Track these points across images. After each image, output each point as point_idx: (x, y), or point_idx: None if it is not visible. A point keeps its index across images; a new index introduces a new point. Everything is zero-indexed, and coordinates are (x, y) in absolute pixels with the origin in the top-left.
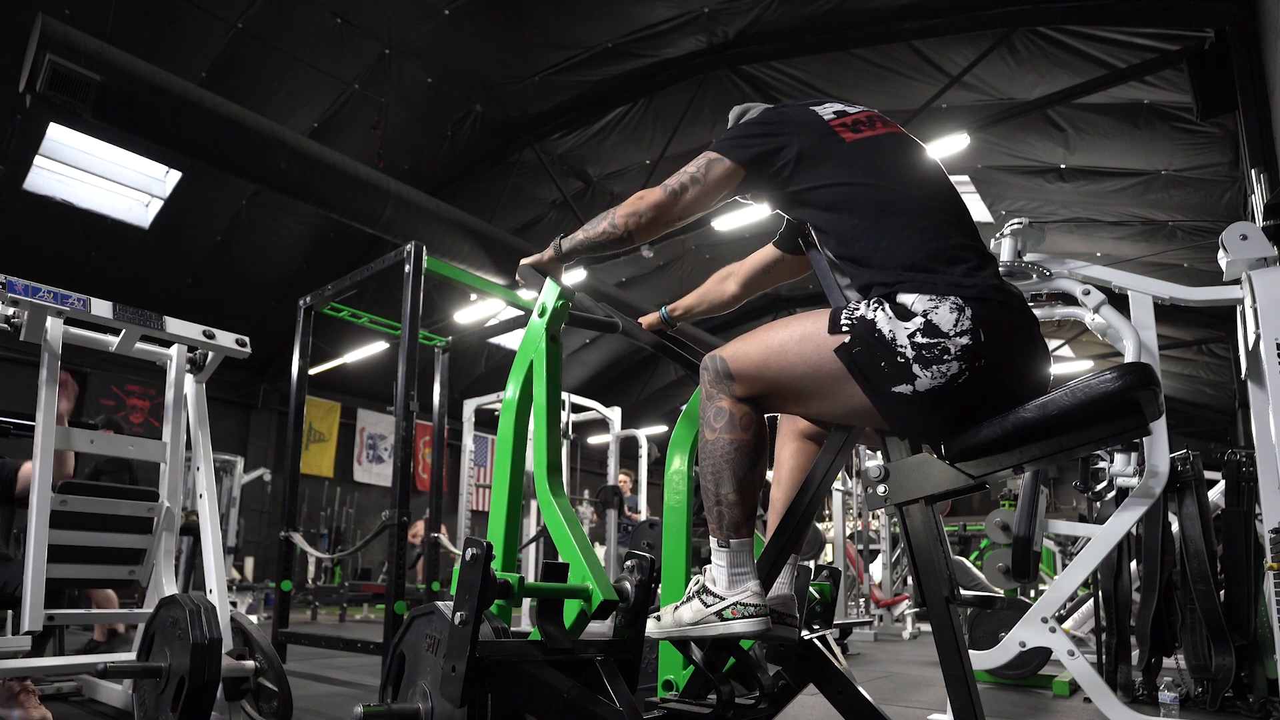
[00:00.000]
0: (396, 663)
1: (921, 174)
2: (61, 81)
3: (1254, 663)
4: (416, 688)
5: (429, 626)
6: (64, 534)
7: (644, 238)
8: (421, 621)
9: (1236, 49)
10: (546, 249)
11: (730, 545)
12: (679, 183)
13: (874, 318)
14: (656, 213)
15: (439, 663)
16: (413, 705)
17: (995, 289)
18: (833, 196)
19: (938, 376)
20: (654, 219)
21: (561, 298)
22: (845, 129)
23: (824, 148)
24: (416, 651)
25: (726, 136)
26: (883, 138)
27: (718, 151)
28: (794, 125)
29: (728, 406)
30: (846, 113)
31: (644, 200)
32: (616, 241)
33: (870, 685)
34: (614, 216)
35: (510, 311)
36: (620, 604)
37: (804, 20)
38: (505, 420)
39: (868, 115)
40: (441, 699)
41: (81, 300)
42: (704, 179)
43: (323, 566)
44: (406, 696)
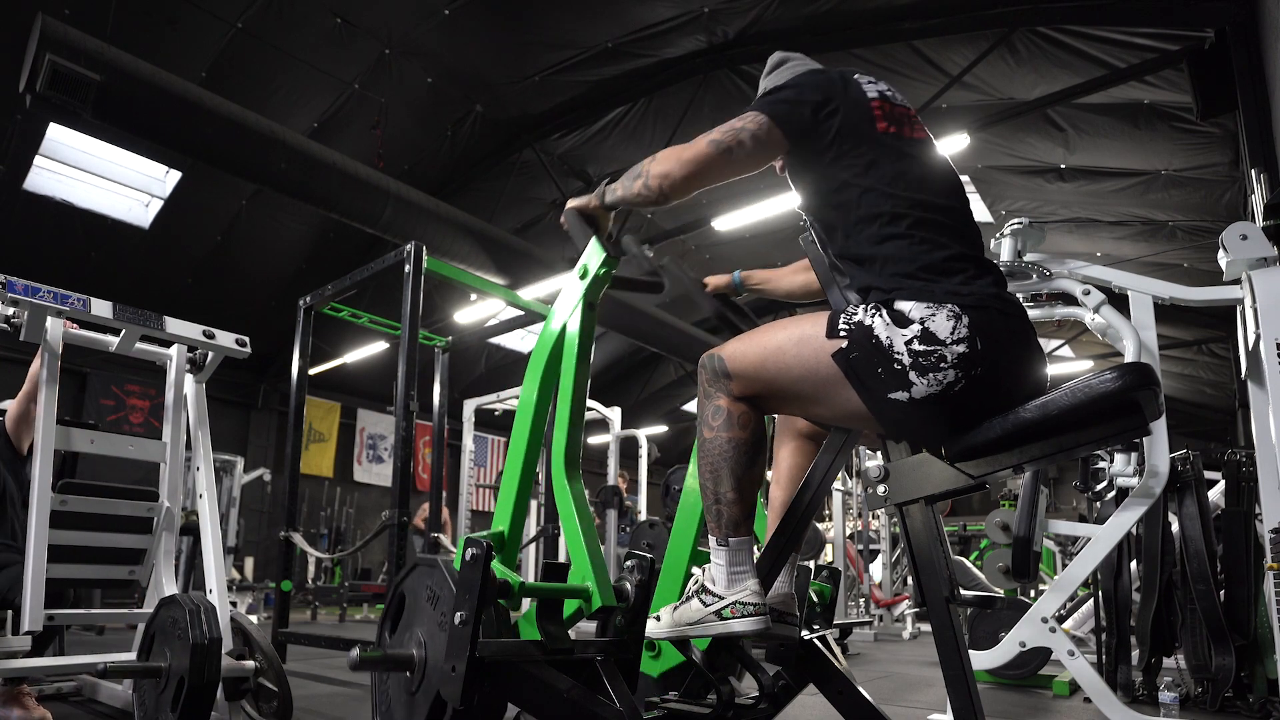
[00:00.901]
0: (396, 601)
1: (934, 184)
2: (61, 81)
3: (1254, 663)
4: (412, 634)
5: (430, 579)
6: (64, 534)
7: (678, 198)
8: (424, 571)
9: (1236, 49)
10: (593, 194)
11: (729, 544)
12: (732, 139)
13: (872, 324)
14: (695, 172)
15: (435, 616)
16: (407, 651)
17: (993, 297)
18: (846, 190)
19: (934, 384)
20: (691, 179)
21: (606, 265)
22: (883, 118)
23: (860, 132)
24: (416, 598)
25: (777, 99)
26: (910, 143)
27: (769, 115)
28: (843, 96)
29: (725, 405)
30: (888, 100)
31: (682, 157)
32: (650, 203)
33: (870, 685)
34: (647, 177)
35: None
36: (620, 605)
37: (804, 20)
38: (528, 390)
39: (905, 113)
40: (435, 647)
41: (81, 300)
42: (761, 139)
43: (323, 566)
44: (402, 640)
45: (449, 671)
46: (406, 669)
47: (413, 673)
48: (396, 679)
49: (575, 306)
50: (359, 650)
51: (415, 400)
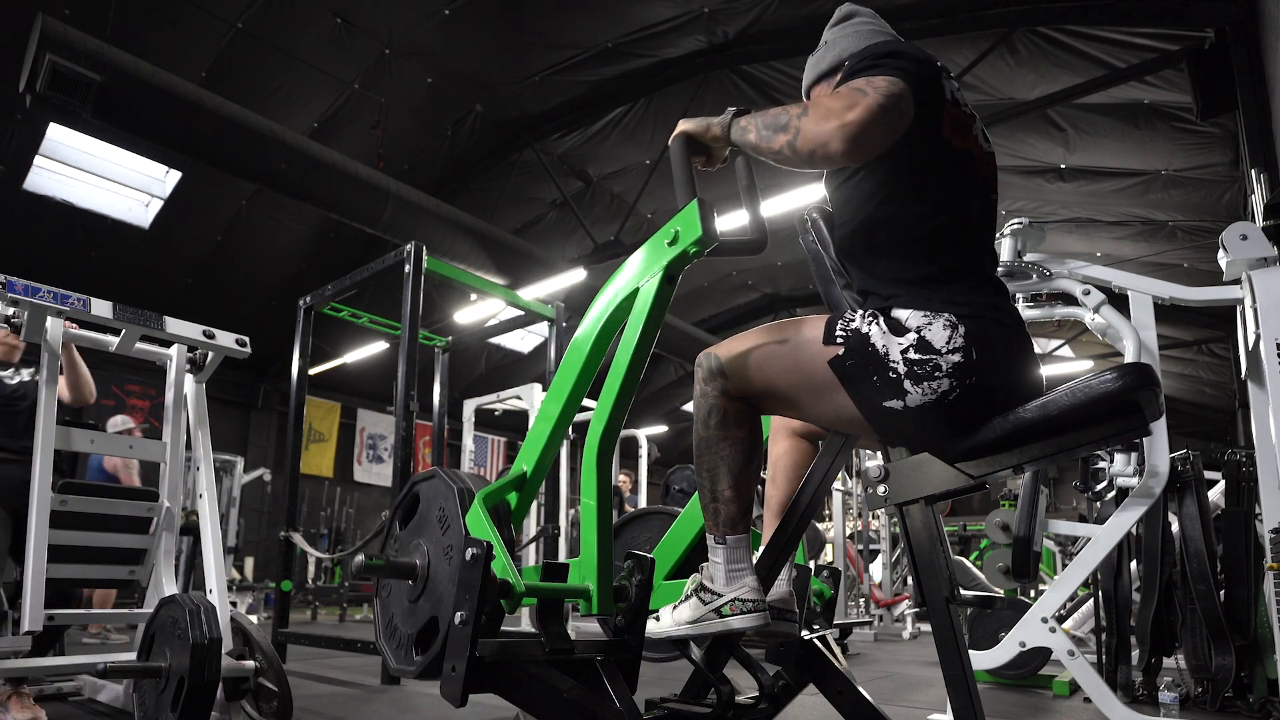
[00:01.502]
0: (410, 500)
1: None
2: (61, 81)
3: (1254, 663)
4: (418, 545)
5: (445, 500)
6: (64, 534)
7: (824, 168)
8: (442, 490)
9: (1236, 49)
10: (717, 120)
11: (727, 541)
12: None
13: (868, 331)
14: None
15: (442, 541)
16: (410, 560)
17: (990, 307)
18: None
19: (928, 393)
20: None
21: (699, 246)
22: (949, 123)
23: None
24: (428, 508)
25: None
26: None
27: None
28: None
29: (722, 404)
30: (958, 104)
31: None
32: (788, 164)
33: (870, 685)
34: (796, 136)
35: (510, 311)
36: (619, 604)
37: (804, 20)
38: (585, 334)
39: (969, 121)
40: (439, 563)
41: (81, 300)
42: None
43: (323, 566)
44: (408, 546)
45: (449, 672)
46: (409, 578)
47: (415, 582)
48: (400, 584)
49: (656, 274)
50: (364, 557)
51: (415, 400)
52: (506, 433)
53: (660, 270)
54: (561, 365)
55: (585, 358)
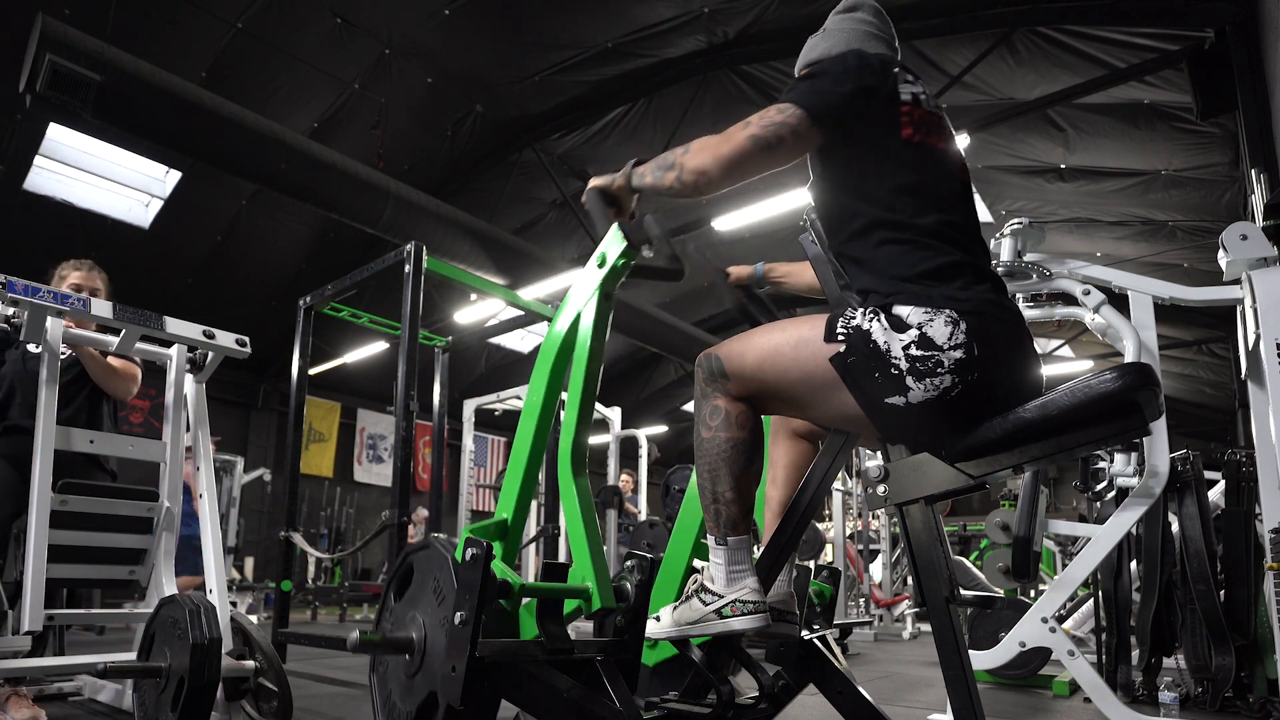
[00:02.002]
0: (404, 571)
1: (944, 190)
2: (61, 81)
3: (1254, 663)
4: (414, 616)
5: (439, 570)
6: (64, 534)
7: (713, 193)
8: (435, 559)
9: (1236, 49)
10: (619, 173)
11: (728, 543)
12: (773, 134)
13: (870, 328)
14: (734, 166)
15: (438, 611)
16: (406, 634)
17: (991, 304)
18: (856, 190)
19: (930, 389)
20: (728, 174)
21: (625, 255)
22: (909, 124)
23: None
24: (423, 578)
25: (814, 89)
26: (931, 151)
27: (807, 109)
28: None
29: (723, 405)
30: (920, 104)
31: (720, 151)
32: (681, 195)
33: (870, 685)
34: (681, 170)
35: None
36: (619, 605)
37: (804, 20)
38: (537, 381)
39: (935, 119)
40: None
41: (81, 300)
42: (801, 134)
43: (323, 566)
44: (403, 619)
45: (449, 672)
46: (406, 653)
47: (411, 656)
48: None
49: (591, 296)
50: (359, 632)
51: (415, 400)
52: (506, 433)
53: (596, 291)
54: (522, 417)
55: (542, 405)
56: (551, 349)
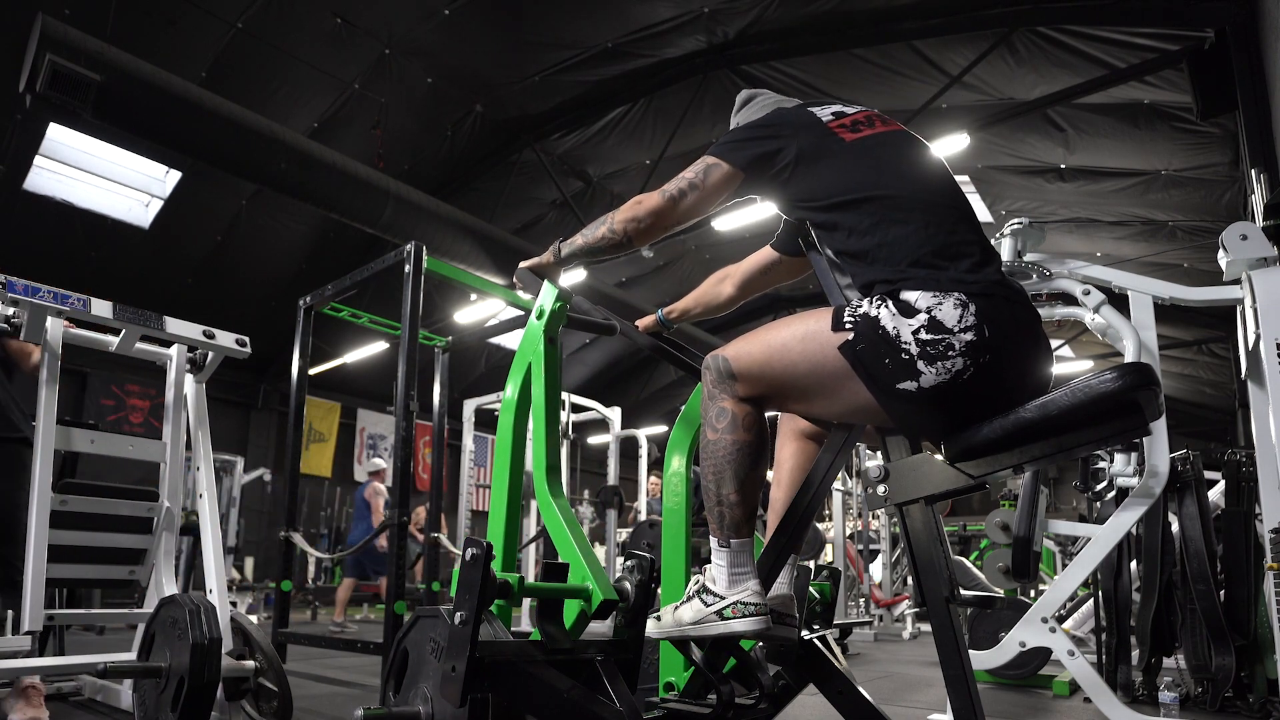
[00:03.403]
0: (400, 658)
1: (924, 170)
2: (61, 81)
3: (1254, 663)
4: (418, 690)
5: (433, 630)
6: (64, 534)
7: (643, 242)
8: (426, 624)
9: (1236, 49)
10: (545, 253)
11: (731, 545)
12: (678, 188)
13: (878, 315)
14: (655, 219)
15: (441, 668)
16: (413, 708)
17: (998, 284)
18: (833, 196)
19: (942, 373)
20: (653, 224)
21: (559, 300)
22: (844, 129)
23: (823, 148)
24: (420, 651)
25: (725, 140)
26: (884, 135)
27: (716, 156)
28: (791, 127)
29: (730, 407)
30: (845, 113)
31: (642, 206)
32: (616, 247)
33: (870, 685)
34: (612, 222)
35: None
36: (620, 604)
37: (804, 20)
38: (504, 420)
39: (866, 115)
40: (442, 703)
41: (81, 300)
42: (703, 184)
43: (323, 566)
44: (408, 697)
45: (449, 672)
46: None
47: None
48: None
49: (537, 343)
50: (363, 711)
51: (415, 400)
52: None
53: (541, 338)
54: (495, 459)
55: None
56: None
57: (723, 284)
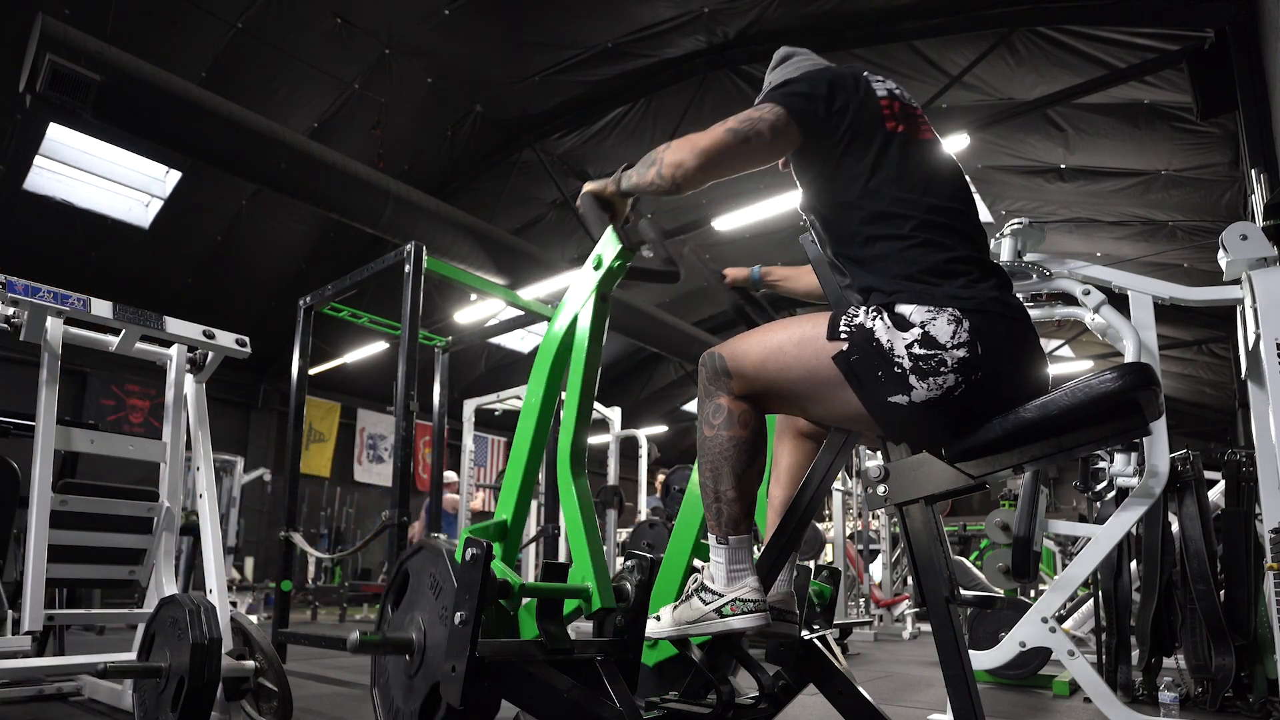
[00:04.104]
0: (401, 579)
1: (940, 186)
2: (61, 81)
3: (1254, 663)
4: (413, 617)
5: (434, 566)
6: (64, 534)
7: (691, 188)
8: (429, 557)
9: (1236, 49)
10: (609, 179)
11: (729, 542)
12: (750, 128)
13: (873, 327)
14: (711, 160)
15: (436, 606)
16: (406, 635)
17: (995, 300)
18: (850, 189)
19: (934, 388)
20: (706, 168)
21: (620, 257)
22: (891, 117)
23: (870, 130)
24: (419, 580)
25: (792, 91)
26: (917, 144)
27: (785, 107)
28: (854, 93)
29: (726, 403)
30: (897, 99)
31: (698, 145)
32: (662, 192)
33: (870, 685)
34: (660, 165)
35: (510, 311)
36: (619, 605)
37: (804, 20)
38: (535, 384)
39: (916, 113)
40: (435, 634)
41: (81, 300)
42: (779, 130)
43: (323, 566)
44: (403, 621)
45: (449, 671)
46: (405, 653)
47: (411, 656)
48: (396, 659)
49: (588, 298)
50: (359, 633)
51: (415, 400)
52: (506, 433)
53: (593, 293)
54: (521, 419)
55: (540, 408)
56: (550, 350)
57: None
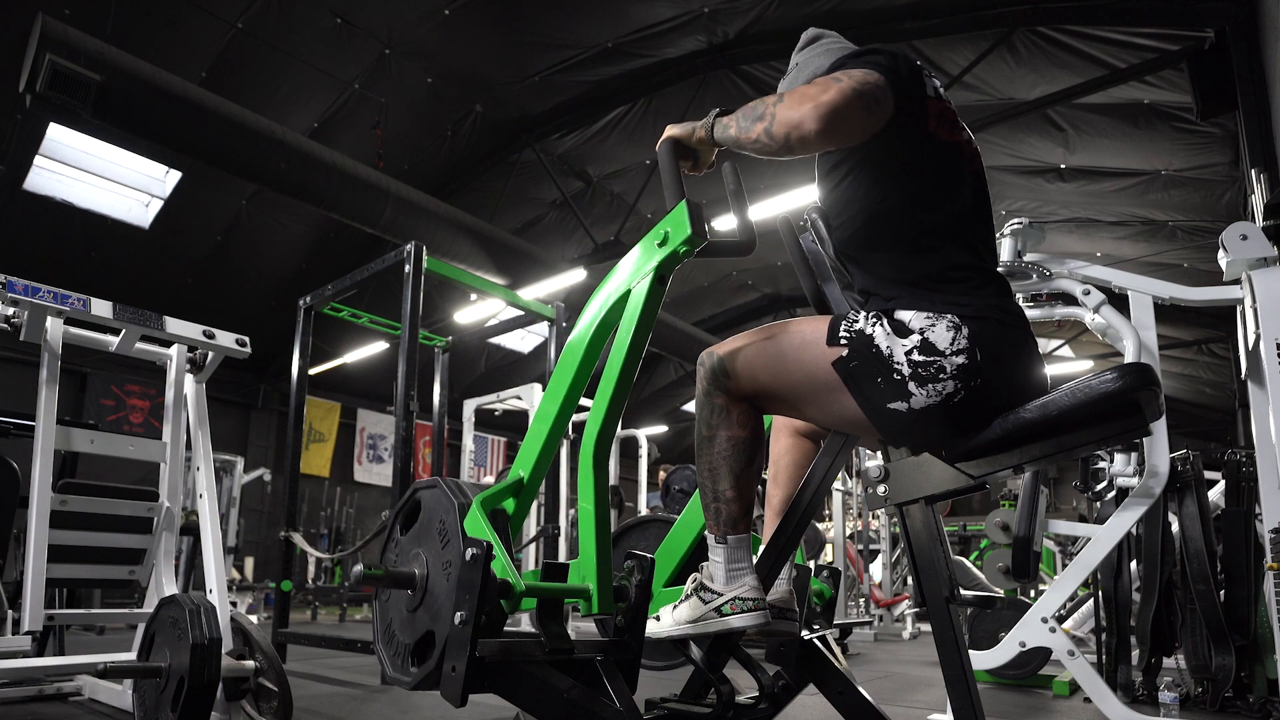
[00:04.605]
0: (412, 506)
1: (959, 190)
2: (61, 81)
3: (1254, 663)
4: (418, 554)
5: (447, 513)
6: (64, 534)
7: (803, 154)
8: (443, 503)
9: (1236, 49)
10: (700, 123)
11: (728, 541)
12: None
13: (872, 333)
14: (829, 128)
15: (441, 555)
16: (409, 570)
17: (994, 308)
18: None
19: (933, 395)
20: (824, 135)
21: (688, 245)
22: (934, 115)
23: (911, 124)
24: (429, 517)
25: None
26: (952, 147)
27: (882, 74)
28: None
29: (724, 403)
30: (941, 97)
31: (820, 102)
32: (768, 152)
33: (870, 685)
34: (772, 122)
35: (510, 311)
36: (619, 605)
37: (804, 20)
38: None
39: (954, 115)
40: (436, 575)
41: (81, 300)
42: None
43: (323, 566)
44: (408, 554)
45: (449, 671)
46: (408, 588)
47: (414, 591)
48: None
49: (646, 275)
50: (363, 566)
51: (415, 400)
52: (506, 433)
53: (652, 271)
54: (557, 367)
55: (580, 359)
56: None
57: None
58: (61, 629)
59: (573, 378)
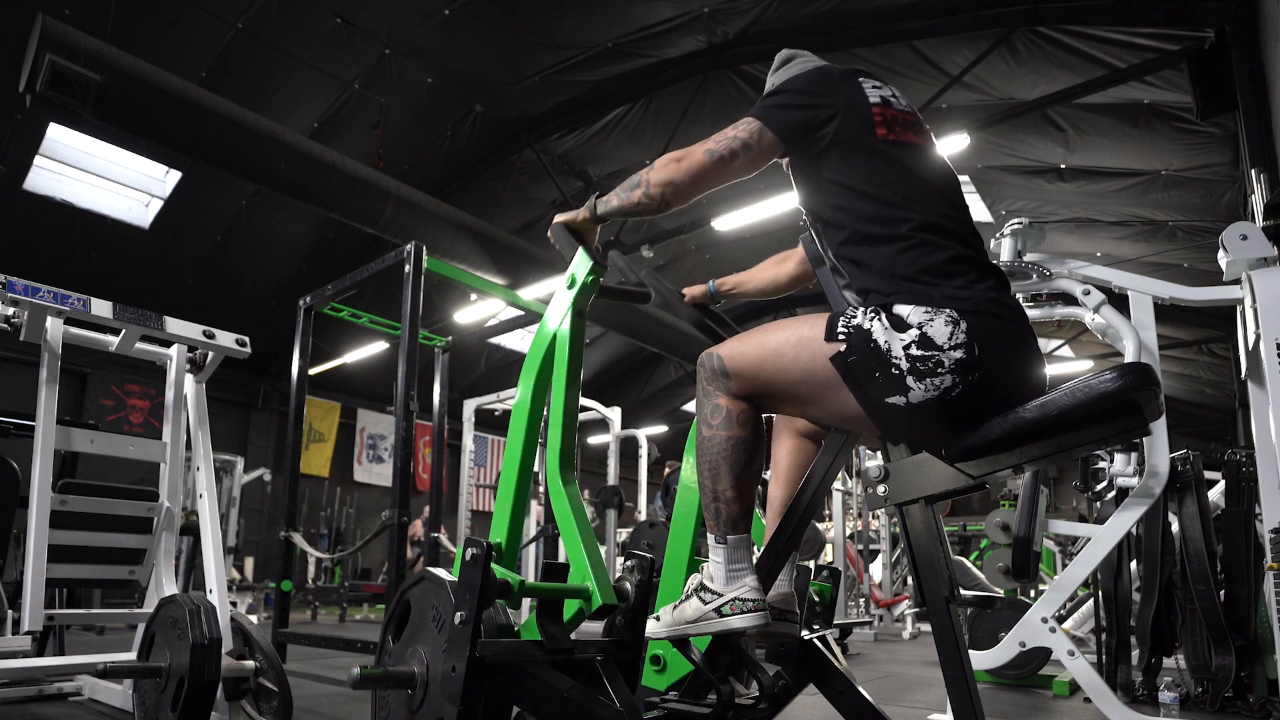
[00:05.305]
0: (402, 609)
1: (933, 191)
2: (61, 81)
3: (1254, 663)
4: (415, 650)
5: (436, 598)
6: (64, 534)
7: (680, 204)
8: (431, 589)
9: (1236, 49)
10: (582, 208)
11: (728, 541)
12: (728, 148)
13: (870, 328)
14: (696, 180)
15: (439, 639)
16: (409, 669)
17: (992, 302)
18: (844, 194)
19: (931, 389)
20: (693, 186)
21: (593, 274)
22: (882, 124)
23: (858, 137)
24: (421, 612)
25: (768, 102)
26: (909, 148)
27: (759, 118)
28: (842, 100)
29: (724, 403)
30: (891, 105)
31: (681, 166)
32: (650, 211)
33: (870, 685)
34: (648, 186)
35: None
36: (620, 605)
37: (804, 20)
38: (521, 401)
39: (908, 118)
40: (436, 668)
41: (81, 300)
42: (755, 147)
43: (323, 566)
44: (404, 654)
45: (449, 672)
46: (408, 687)
47: (414, 690)
48: (398, 694)
49: (565, 314)
50: (360, 669)
51: (415, 400)
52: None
53: (569, 309)
54: (510, 433)
55: (527, 421)
56: (532, 368)
57: (784, 264)
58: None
59: (524, 440)
